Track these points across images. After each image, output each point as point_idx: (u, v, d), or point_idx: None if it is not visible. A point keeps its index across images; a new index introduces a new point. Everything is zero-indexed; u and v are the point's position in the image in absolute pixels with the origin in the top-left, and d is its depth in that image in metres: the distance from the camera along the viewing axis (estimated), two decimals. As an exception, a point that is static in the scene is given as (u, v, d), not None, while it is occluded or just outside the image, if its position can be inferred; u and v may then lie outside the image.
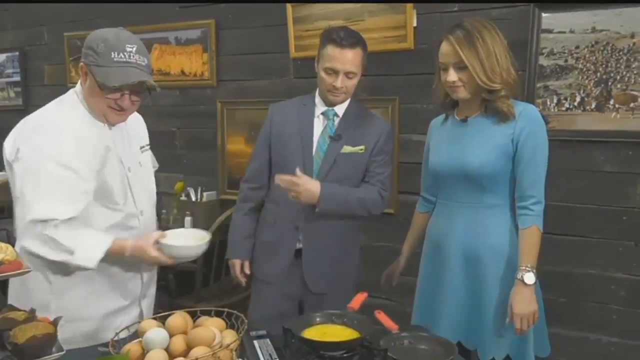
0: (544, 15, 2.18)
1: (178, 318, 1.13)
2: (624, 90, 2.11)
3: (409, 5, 2.43)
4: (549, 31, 2.19)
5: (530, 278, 1.53)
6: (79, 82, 1.44)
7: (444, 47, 1.58)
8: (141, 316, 1.56)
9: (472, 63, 1.54)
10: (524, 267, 1.54)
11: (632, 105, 2.10)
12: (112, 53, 1.31)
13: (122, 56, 1.32)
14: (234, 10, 2.95)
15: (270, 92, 2.86)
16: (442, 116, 1.78)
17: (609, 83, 2.13)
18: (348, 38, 1.70)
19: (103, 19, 3.32)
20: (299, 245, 1.81)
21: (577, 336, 2.31)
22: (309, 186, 1.68)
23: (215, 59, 3.04)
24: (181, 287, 2.80)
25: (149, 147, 1.61)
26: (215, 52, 3.03)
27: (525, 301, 1.53)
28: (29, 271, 1.15)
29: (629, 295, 2.21)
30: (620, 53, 2.09)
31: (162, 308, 2.98)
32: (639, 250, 2.18)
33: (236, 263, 1.89)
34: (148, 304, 1.62)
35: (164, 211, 3.11)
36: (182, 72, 3.19)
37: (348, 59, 1.70)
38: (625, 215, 2.18)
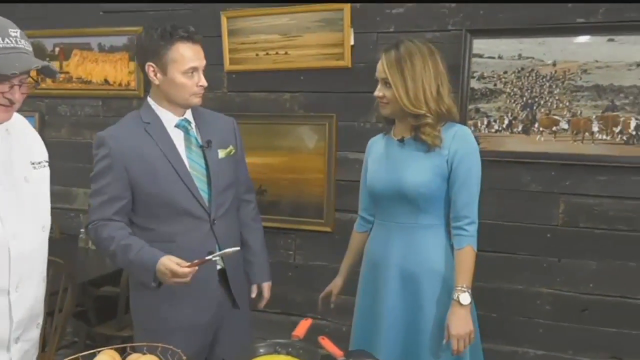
0: (475, 41, 2.27)
1: (105, 358, 0.99)
2: (547, 115, 2.23)
3: (347, 24, 2.44)
4: (480, 56, 2.28)
5: (465, 298, 1.54)
6: None
7: (379, 63, 1.63)
8: None
9: (396, 84, 1.58)
10: (459, 288, 1.55)
11: (554, 128, 2.22)
12: None
13: (9, 42, 1.13)
14: (163, 19, 2.80)
15: (203, 106, 2.73)
16: (380, 135, 1.79)
17: (534, 107, 2.25)
18: (194, 32, 1.58)
19: (15, 20, 3.02)
20: (218, 267, 1.68)
21: (506, 350, 2.39)
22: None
23: (143, 68, 2.87)
24: (101, 313, 2.56)
25: (47, 163, 1.37)
26: (142, 61, 2.85)
27: (461, 322, 1.54)
28: None
29: (553, 310, 2.32)
30: (544, 79, 2.22)
31: (80, 337, 2.75)
32: (562, 266, 2.30)
33: (167, 261, 1.45)
34: (23, 349, 1.29)
35: (82, 230, 2.85)
36: (106, 81, 2.98)
37: (202, 53, 1.60)
38: (549, 232, 2.29)
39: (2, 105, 1.16)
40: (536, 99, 2.24)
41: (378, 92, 1.63)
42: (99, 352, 1.01)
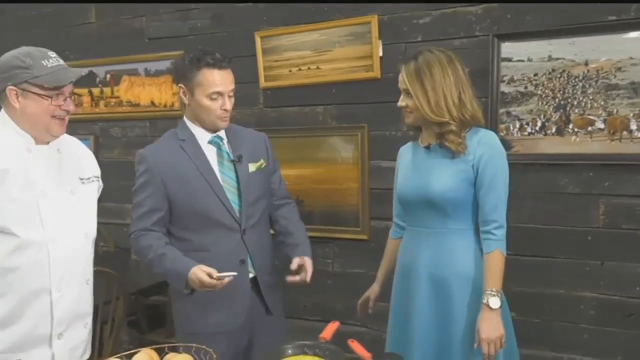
0: (502, 44, 2.27)
1: (144, 356, 1.10)
2: (581, 115, 2.19)
3: (375, 36, 2.50)
4: (509, 60, 2.28)
5: (495, 302, 1.54)
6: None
7: (400, 74, 1.67)
8: None
9: (416, 94, 1.61)
10: (489, 292, 1.56)
11: (590, 128, 2.18)
12: (43, 61, 1.32)
13: (53, 61, 1.34)
14: (202, 42, 2.97)
15: (241, 122, 2.85)
16: (410, 143, 1.83)
17: (567, 108, 2.21)
18: (222, 58, 1.69)
19: (70, 51, 3.30)
20: (250, 276, 1.76)
21: (550, 357, 2.33)
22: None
23: (185, 89, 3.04)
24: (152, 321, 2.72)
25: (96, 179, 1.53)
26: (185, 83, 3.03)
27: (491, 326, 1.54)
28: None
29: (598, 314, 2.25)
30: (576, 80, 2.18)
31: (132, 344, 2.92)
32: (605, 269, 2.23)
33: (198, 271, 1.55)
34: (68, 346, 1.39)
35: (133, 244, 3.04)
36: (152, 103, 3.18)
37: (228, 79, 1.70)
38: (589, 235, 2.24)
39: (60, 118, 1.36)
40: (569, 100, 2.21)
41: (401, 102, 1.67)
42: (139, 351, 1.11)
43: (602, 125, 2.16)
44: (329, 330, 1.42)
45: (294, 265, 1.74)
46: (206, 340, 1.36)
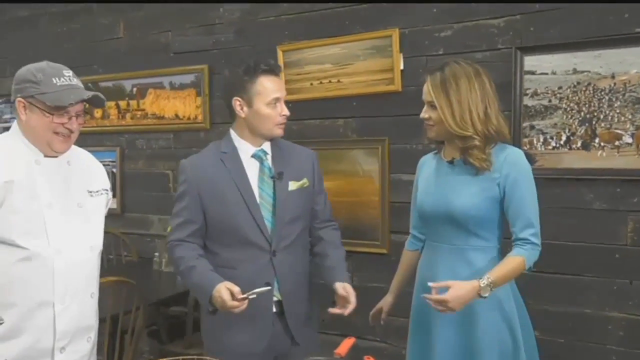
0: (526, 57, 2.24)
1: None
2: (608, 129, 2.14)
3: (396, 50, 2.50)
4: (532, 73, 2.25)
5: (486, 292, 1.48)
6: (14, 123, 1.42)
7: (425, 85, 1.64)
8: None
9: (441, 107, 1.57)
10: (488, 277, 1.49)
11: (617, 143, 2.12)
12: (54, 79, 1.34)
13: (64, 80, 1.36)
14: (225, 56, 3.03)
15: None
16: (431, 154, 1.79)
17: (593, 122, 2.16)
18: (275, 64, 1.68)
19: (99, 65, 3.40)
20: (274, 299, 1.68)
21: (576, 379, 2.26)
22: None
23: (209, 102, 3.09)
24: (172, 332, 2.74)
25: (105, 192, 1.53)
26: (208, 95, 3.09)
27: (463, 300, 1.48)
28: None
29: (627, 335, 2.17)
30: (602, 93, 2.13)
31: (153, 354, 2.94)
32: (634, 288, 2.15)
33: (222, 288, 1.51)
34: None
35: (156, 254, 3.09)
36: (176, 116, 3.24)
37: (283, 84, 1.70)
38: (617, 252, 2.17)
39: (63, 135, 1.37)
40: (595, 114, 2.16)
41: (424, 114, 1.63)
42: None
43: (629, 140, 2.10)
44: (345, 345, 1.41)
45: (340, 290, 1.64)
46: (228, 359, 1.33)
